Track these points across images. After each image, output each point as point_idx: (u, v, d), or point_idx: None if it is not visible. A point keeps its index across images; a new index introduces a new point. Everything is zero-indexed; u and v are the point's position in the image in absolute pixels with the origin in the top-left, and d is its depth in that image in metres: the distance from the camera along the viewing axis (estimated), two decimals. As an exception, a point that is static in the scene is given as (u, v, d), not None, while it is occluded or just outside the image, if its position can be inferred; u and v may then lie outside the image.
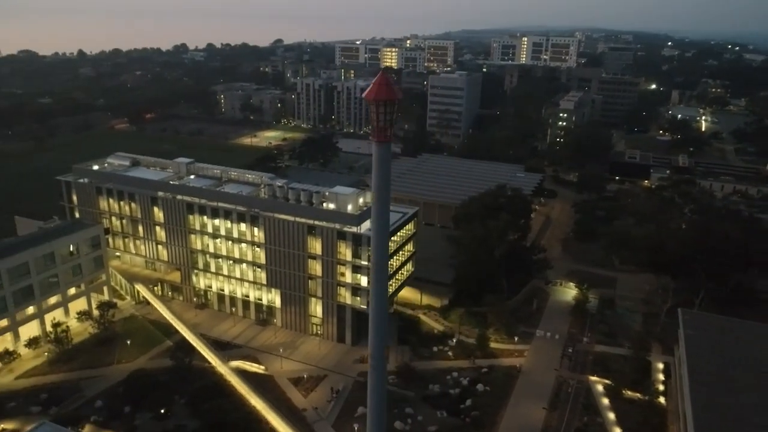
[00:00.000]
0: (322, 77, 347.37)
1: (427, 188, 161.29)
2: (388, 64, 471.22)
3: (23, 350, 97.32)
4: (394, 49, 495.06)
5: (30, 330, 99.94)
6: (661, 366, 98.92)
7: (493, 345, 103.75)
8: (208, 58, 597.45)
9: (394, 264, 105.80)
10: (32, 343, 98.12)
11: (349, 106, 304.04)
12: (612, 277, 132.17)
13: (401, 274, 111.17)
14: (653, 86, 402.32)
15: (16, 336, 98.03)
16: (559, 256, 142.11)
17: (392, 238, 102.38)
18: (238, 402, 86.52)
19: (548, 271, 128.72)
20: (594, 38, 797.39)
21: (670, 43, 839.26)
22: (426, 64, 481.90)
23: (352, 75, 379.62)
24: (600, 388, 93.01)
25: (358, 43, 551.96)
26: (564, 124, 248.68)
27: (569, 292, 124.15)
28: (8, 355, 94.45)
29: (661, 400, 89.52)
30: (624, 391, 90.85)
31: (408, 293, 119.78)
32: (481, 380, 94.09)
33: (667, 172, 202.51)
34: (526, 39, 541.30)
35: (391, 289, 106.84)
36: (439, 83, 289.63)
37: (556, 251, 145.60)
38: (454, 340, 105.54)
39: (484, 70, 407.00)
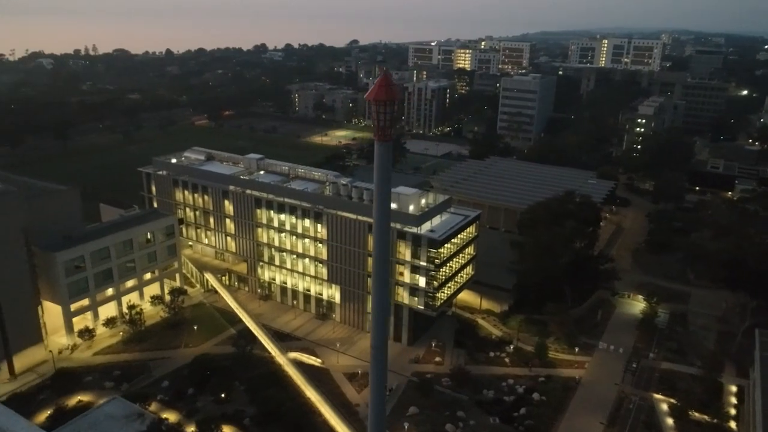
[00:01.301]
0: (394, 78, 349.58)
1: (493, 192, 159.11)
2: (461, 65, 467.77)
3: (101, 329, 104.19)
4: (467, 51, 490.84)
5: (108, 310, 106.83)
6: (734, 389, 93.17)
7: (552, 354, 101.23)
8: (285, 57, 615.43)
9: (454, 266, 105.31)
10: (109, 322, 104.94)
11: (419, 107, 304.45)
12: (685, 292, 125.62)
13: (461, 276, 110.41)
14: (744, 92, 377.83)
15: (96, 315, 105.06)
16: (628, 267, 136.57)
17: (452, 240, 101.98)
18: (294, 392, 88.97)
19: (615, 282, 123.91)
20: (681, 41, 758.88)
21: (767, 47, 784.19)
22: (500, 66, 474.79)
23: (424, 76, 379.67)
24: (664, 407, 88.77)
25: (432, 44, 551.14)
26: (642, 130, 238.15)
27: (637, 305, 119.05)
28: (88, 333, 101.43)
29: (732, 424, 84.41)
30: (691, 413, 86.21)
31: (467, 296, 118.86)
32: (537, 389, 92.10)
33: (754, 183, 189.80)
34: (606, 41, 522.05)
35: (449, 292, 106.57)
36: (511, 85, 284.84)
37: (626, 262, 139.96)
38: (512, 347, 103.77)
39: (560, 72, 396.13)
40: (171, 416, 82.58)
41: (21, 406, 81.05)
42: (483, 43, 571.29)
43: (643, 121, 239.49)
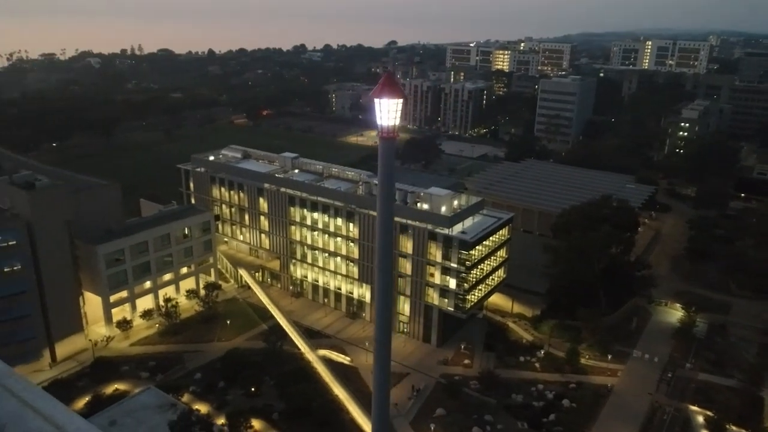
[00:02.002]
0: (431, 79, 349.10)
1: (527, 194, 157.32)
2: (499, 66, 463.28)
3: (138, 320, 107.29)
4: (506, 52, 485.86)
5: (145, 303, 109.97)
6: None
7: (584, 361, 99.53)
8: (324, 58, 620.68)
9: (485, 269, 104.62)
10: (146, 314, 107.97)
11: (455, 108, 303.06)
12: (726, 302, 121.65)
13: (492, 279, 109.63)
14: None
15: (134, 307, 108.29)
16: (666, 275, 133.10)
17: (484, 243, 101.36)
18: (322, 389, 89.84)
19: (652, 290, 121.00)
20: (730, 42, 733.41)
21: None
22: (539, 67, 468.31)
23: (462, 77, 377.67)
24: (700, 419, 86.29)
25: (472, 45, 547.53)
26: (685, 134, 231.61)
27: (674, 313, 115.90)
28: (126, 324, 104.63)
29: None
30: (728, 426, 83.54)
31: (499, 300, 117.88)
32: (567, 396, 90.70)
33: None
34: (650, 43, 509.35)
35: (480, 294, 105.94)
36: (550, 87, 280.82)
37: (664, 269, 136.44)
38: (543, 352, 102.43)
39: (601, 74, 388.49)
40: (202, 408, 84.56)
41: (61, 392, 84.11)
42: (522, 44, 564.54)
43: (687, 125, 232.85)
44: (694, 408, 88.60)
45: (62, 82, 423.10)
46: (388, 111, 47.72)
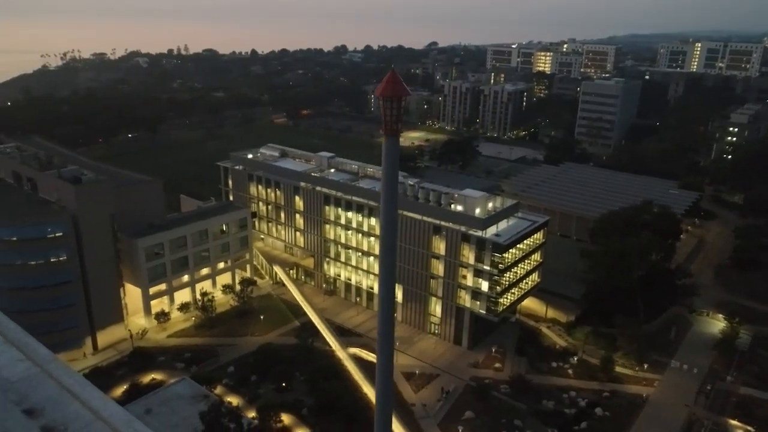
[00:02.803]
0: (470, 80, 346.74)
1: (565, 198, 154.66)
2: (541, 68, 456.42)
3: (175, 313, 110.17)
4: (548, 53, 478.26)
5: (182, 296, 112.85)
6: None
7: (619, 369, 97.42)
8: (364, 59, 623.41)
9: (518, 272, 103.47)
10: (183, 307, 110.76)
11: (494, 110, 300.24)
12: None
13: (526, 283, 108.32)
14: None
15: (172, 300, 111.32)
16: (709, 284, 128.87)
17: (518, 246, 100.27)
18: (351, 387, 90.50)
19: (694, 299, 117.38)
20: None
21: None
22: (582, 69, 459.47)
23: (502, 78, 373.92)
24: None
25: (513, 46, 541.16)
26: (734, 139, 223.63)
27: (716, 324, 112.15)
28: (164, 316, 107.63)
29: (817, 459, 77.98)
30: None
31: (532, 304, 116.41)
32: (600, 404, 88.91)
33: None
34: (699, 44, 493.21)
35: (513, 298, 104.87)
36: (592, 90, 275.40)
37: (707, 278, 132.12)
38: (576, 359, 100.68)
39: (646, 77, 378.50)
40: (234, 400, 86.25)
41: (101, 379, 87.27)
42: (565, 45, 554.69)
43: (736, 129, 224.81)
44: (734, 422, 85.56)
45: (111, 81, 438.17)
46: (392, 108, 48.69)
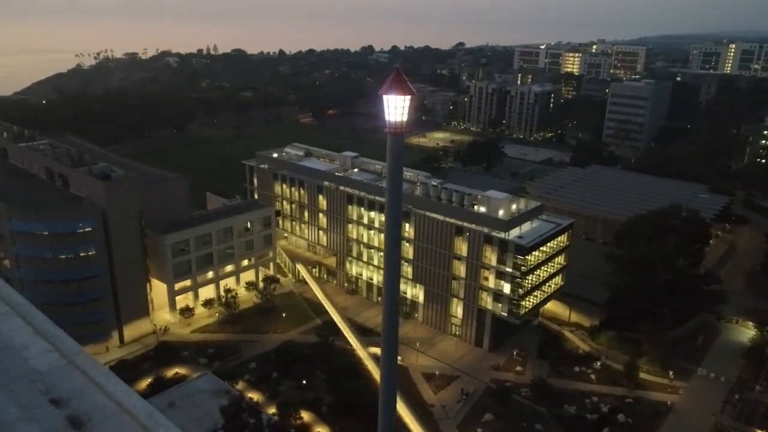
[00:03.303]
0: (497, 81, 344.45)
1: (591, 201, 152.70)
2: (569, 69, 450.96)
3: (200, 309, 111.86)
4: (576, 54, 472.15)
5: (207, 292, 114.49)
6: None
7: (643, 375, 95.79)
8: (391, 59, 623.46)
9: (541, 275, 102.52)
10: (207, 303, 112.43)
11: (520, 111, 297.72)
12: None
13: (548, 286, 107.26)
14: None
15: (196, 296, 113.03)
16: (739, 291, 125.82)
17: (541, 248, 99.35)
18: (371, 386, 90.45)
19: (722, 306, 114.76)
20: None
21: None
22: (611, 70, 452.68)
23: (529, 79, 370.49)
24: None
25: (541, 47, 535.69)
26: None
27: (746, 332, 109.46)
28: (188, 311, 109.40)
29: None
30: (799, 455, 78.30)
31: (555, 307, 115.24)
32: (623, 410, 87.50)
33: None
34: (734, 45, 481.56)
35: (535, 301, 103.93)
36: (620, 91, 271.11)
37: (737, 285, 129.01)
38: (599, 364, 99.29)
39: (678, 79, 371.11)
40: (255, 396, 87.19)
41: (127, 372, 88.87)
42: (594, 46, 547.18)
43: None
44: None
45: (142, 80, 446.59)
46: (395, 107, 49.36)
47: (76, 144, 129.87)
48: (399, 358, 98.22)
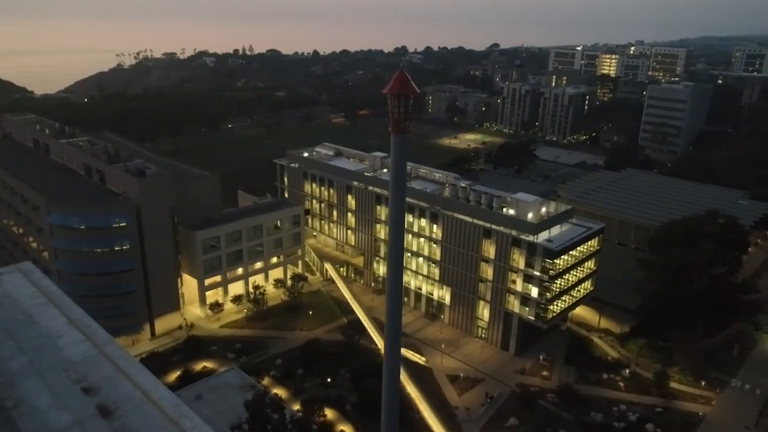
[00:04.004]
0: (530, 82, 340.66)
1: (624, 205, 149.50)
2: (605, 71, 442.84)
3: (229, 305, 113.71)
4: (613, 56, 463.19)
5: (236, 288, 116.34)
6: None
7: (673, 385, 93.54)
8: (424, 60, 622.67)
9: (570, 279, 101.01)
10: (236, 299, 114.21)
11: (554, 113, 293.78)
12: None
13: (578, 291, 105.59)
14: None
15: (225, 291, 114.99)
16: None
17: (570, 252, 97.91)
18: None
19: (760, 316, 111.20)
20: None
21: None
22: (649, 72, 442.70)
23: (564, 81, 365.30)
24: (805, 461, 78.35)
25: (578, 48, 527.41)
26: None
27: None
28: (217, 306, 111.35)
29: None
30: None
31: (585, 313, 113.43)
32: (652, 420, 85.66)
33: None
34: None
35: (564, 305, 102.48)
36: (658, 94, 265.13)
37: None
38: (628, 371, 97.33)
39: (719, 81, 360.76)
40: (280, 392, 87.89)
41: (157, 364, 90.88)
42: (632, 48, 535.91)
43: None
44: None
45: (180, 79, 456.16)
46: (399, 106, 49.53)
47: (113, 141, 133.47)
48: (423, 359, 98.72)
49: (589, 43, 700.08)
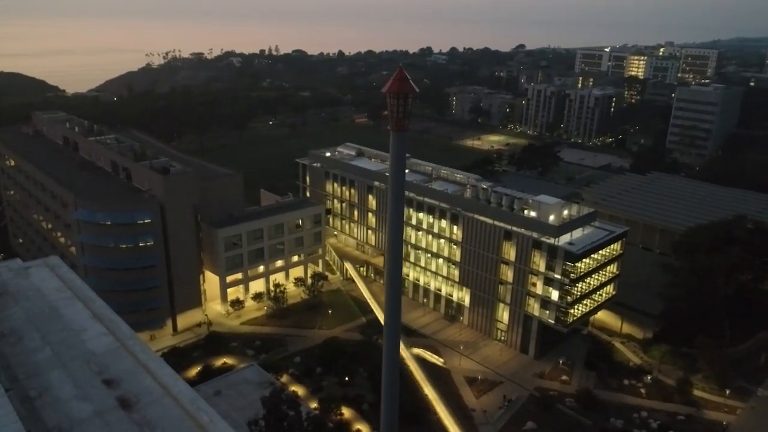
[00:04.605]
0: (556, 84, 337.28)
1: (650, 209, 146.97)
2: (633, 73, 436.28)
3: (249, 302, 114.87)
4: (642, 57, 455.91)
5: (257, 286, 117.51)
6: None
7: (697, 393, 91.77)
8: (449, 61, 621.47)
9: (592, 283, 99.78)
10: (257, 297, 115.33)
11: (579, 115, 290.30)
12: None
13: (599, 295, 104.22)
14: None
15: (246, 289, 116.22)
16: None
17: (592, 256, 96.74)
18: (412, 387, 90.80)
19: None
20: None
21: None
22: (679, 74, 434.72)
23: (591, 83, 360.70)
24: (833, 475, 76.17)
25: (606, 50, 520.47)
26: None
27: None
28: (238, 304, 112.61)
29: None
30: None
31: (606, 317, 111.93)
32: (674, 427, 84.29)
33: None
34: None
35: (585, 309, 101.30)
36: (687, 96, 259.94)
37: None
38: (650, 378, 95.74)
39: (751, 84, 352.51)
40: (299, 390, 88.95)
41: (178, 359, 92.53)
42: (662, 49, 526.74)
43: None
44: (827, 462, 78.39)
45: (207, 79, 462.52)
46: (398, 105, 49.82)
47: (140, 139, 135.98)
48: (441, 360, 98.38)
49: (618, 44, 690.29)
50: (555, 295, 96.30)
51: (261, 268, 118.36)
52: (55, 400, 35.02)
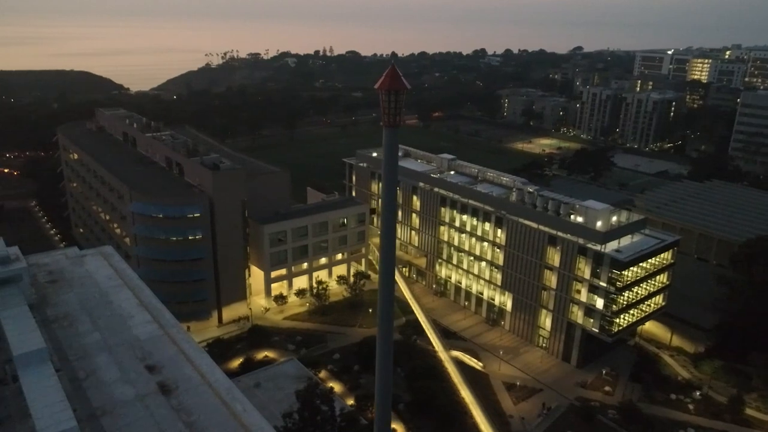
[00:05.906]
0: (612, 87, 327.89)
1: (706, 218, 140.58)
2: (696, 77, 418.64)
3: (292, 298, 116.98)
4: (706, 61, 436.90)
5: (300, 282, 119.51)
6: None
7: (749, 412, 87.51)
8: (503, 63, 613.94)
9: (639, 292, 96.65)
10: (300, 293, 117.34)
11: (636, 119, 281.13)
12: None
13: (647, 305, 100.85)
14: None
15: (290, 285, 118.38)
16: None
17: (640, 264, 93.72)
18: (449, 389, 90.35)
19: None
20: None
21: None
22: (746, 79, 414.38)
23: (650, 86, 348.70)
24: None
25: (668, 52, 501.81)
26: None
27: None
28: (282, 299, 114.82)
29: None
30: None
31: (655, 329, 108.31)
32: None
33: None
34: None
35: (631, 319, 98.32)
36: (753, 101, 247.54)
37: None
38: (700, 393, 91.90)
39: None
40: (336, 386, 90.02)
41: (221, 350, 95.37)
42: (728, 52, 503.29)
43: None
44: None
45: (262, 78, 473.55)
46: (390, 101, 50.28)
47: (193, 136, 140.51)
48: (480, 364, 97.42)
49: (681, 47, 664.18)
50: (600, 303, 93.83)
51: (305, 265, 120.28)
52: (100, 382, 36.93)
